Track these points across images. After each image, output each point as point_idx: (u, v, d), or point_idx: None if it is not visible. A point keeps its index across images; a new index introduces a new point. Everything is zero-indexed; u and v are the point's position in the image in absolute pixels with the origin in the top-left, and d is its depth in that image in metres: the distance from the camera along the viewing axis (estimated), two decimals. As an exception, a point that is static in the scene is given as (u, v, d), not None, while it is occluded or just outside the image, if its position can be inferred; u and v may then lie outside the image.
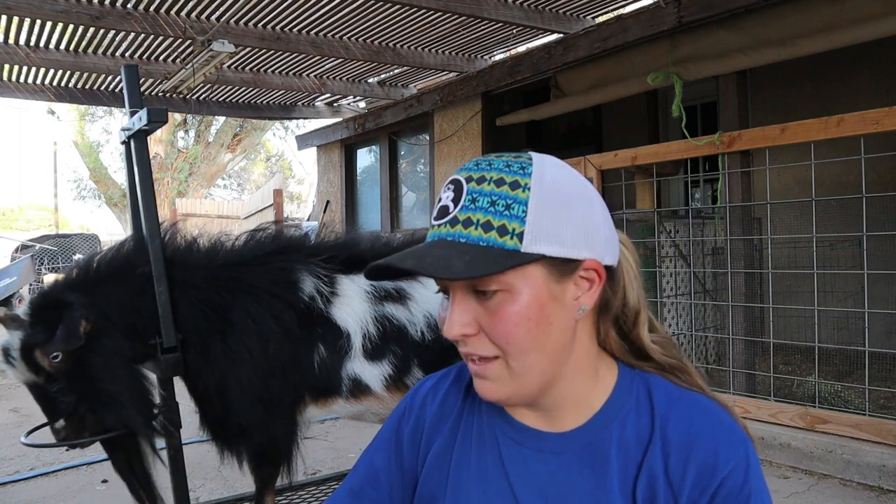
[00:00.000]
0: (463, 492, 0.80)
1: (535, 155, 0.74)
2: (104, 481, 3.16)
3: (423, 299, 1.99)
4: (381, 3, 4.55)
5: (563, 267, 0.71)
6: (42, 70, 5.80)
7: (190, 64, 5.14)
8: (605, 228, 0.75)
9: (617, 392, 0.78)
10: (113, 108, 10.78)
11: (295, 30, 5.15)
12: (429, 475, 0.83)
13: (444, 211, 0.72)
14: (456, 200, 0.71)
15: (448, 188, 0.73)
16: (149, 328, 1.93)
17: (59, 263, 9.66)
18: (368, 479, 0.86)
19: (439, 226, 0.72)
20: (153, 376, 2.04)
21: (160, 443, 2.05)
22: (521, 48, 5.80)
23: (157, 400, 2.01)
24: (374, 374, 1.95)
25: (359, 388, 1.95)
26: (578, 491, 0.75)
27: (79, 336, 1.78)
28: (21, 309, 1.92)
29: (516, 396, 0.75)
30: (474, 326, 0.72)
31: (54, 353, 1.80)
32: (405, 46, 5.66)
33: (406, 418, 0.87)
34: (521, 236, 0.68)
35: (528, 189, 0.70)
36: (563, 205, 0.71)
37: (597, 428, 0.77)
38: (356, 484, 0.87)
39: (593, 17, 5.16)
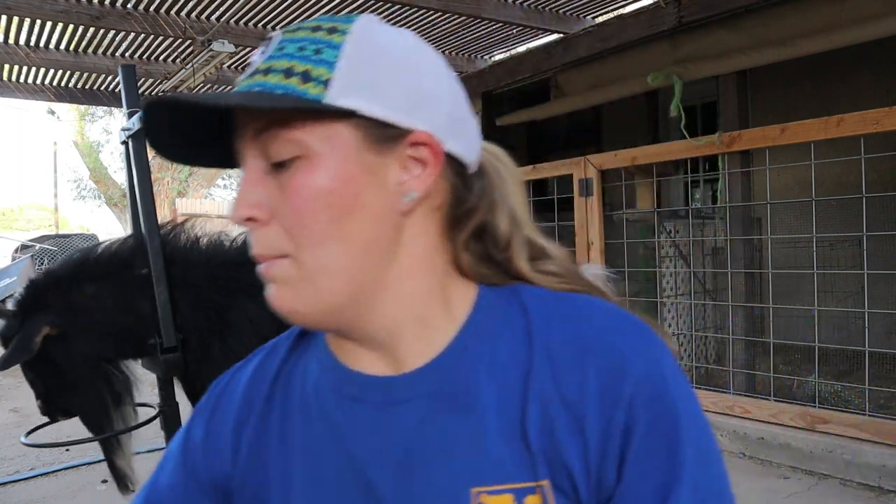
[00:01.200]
0: (287, 482, 0.60)
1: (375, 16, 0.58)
2: (104, 481, 3.16)
3: None
4: (381, 3, 4.55)
5: (383, 133, 0.54)
6: (42, 70, 5.80)
7: (190, 64, 5.14)
8: (455, 108, 0.58)
9: (477, 311, 0.60)
10: (113, 108, 10.78)
11: (295, 30, 5.15)
12: (244, 478, 0.64)
13: (249, 67, 0.57)
14: (264, 53, 0.57)
15: (262, 45, 0.59)
16: (141, 327, 1.94)
17: (59, 263, 9.66)
18: None
19: (240, 84, 0.57)
20: (152, 376, 2.04)
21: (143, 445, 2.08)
22: (521, 48, 5.80)
23: (125, 409, 2.06)
24: None
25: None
26: (445, 445, 0.56)
27: (29, 350, 1.83)
28: (18, 291, 1.97)
29: (319, 308, 0.55)
30: (265, 210, 0.54)
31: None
32: (405, 46, 5.66)
33: (199, 420, 0.68)
34: (327, 84, 0.52)
35: (347, 34, 0.54)
36: (389, 57, 0.55)
37: (454, 358, 0.58)
38: None
39: (593, 17, 5.16)
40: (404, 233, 0.57)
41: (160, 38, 5.12)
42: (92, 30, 4.86)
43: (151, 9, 4.53)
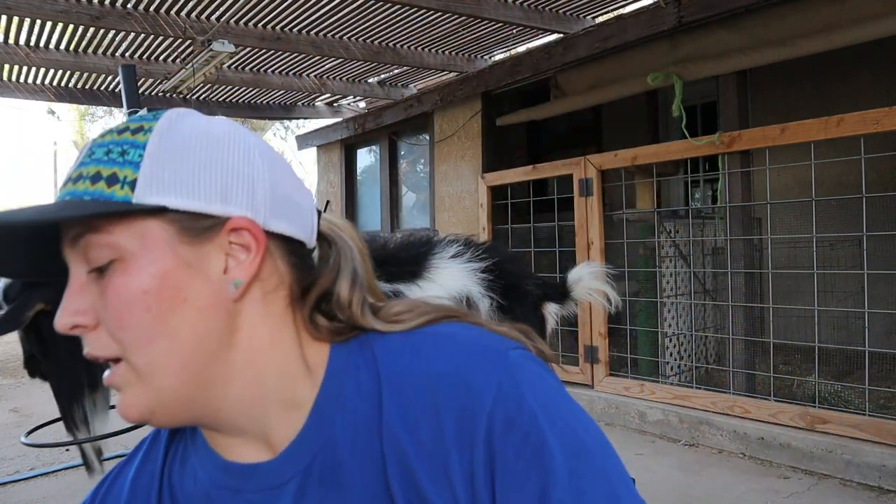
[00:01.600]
0: None
1: (184, 109, 0.59)
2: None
3: None
4: (381, 3, 4.55)
5: (197, 224, 0.54)
6: (42, 70, 5.80)
7: (190, 64, 5.14)
8: (277, 188, 0.57)
9: (329, 375, 0.59)
10: (113, 108, 10.78)
11: (295, 30, 5.14)
12: None
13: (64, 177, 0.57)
14: (76, 161, 0.56)
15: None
16: None
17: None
18: None
19: (58, 193, 0.56)
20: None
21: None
22: (521, 48, 5.80)
23: (98, 395, 2.09)
24: None
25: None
26: None
27: (19, 321, 1.88)
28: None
29: (165, 407, 0.55)
30: (90, 316, 0.54)
31: None
32: (405, 46, 5.66)
33: None
34: (133, 184, 0.52)
35: (150, 132, 0.54)
36: (194, 148, 0.54)
37: (316, 429, 0.57)
38: None
39: (593, 17, 5.16)
40: (241, 318, 0.56)
41: (160, 38, 5.12)
42: (92, 30, 4.86)
43: (151, 9, 4.53)
